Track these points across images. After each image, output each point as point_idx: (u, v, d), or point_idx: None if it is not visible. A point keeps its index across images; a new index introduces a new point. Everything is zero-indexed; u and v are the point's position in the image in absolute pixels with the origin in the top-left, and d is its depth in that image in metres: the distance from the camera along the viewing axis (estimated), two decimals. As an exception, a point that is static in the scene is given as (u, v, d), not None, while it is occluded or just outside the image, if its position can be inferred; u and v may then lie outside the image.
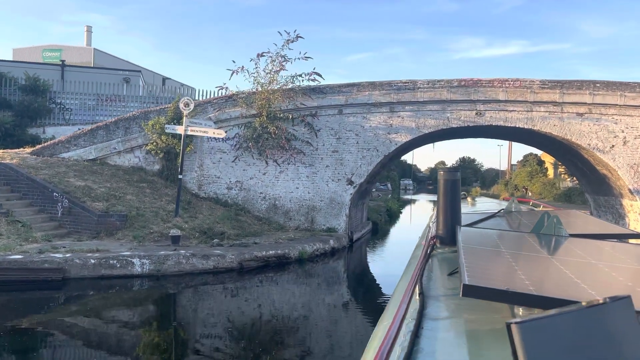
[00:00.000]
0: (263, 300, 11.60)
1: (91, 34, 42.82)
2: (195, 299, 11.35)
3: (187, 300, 11.25)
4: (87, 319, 9.49)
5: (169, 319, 10.14)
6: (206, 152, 19.21)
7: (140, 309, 10.52)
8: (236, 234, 16.15)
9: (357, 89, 19.09)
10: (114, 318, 9.65)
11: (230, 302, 11.23)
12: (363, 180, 19.01)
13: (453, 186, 4.07)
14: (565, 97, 17.84)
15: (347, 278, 15.06)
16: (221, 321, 9.82)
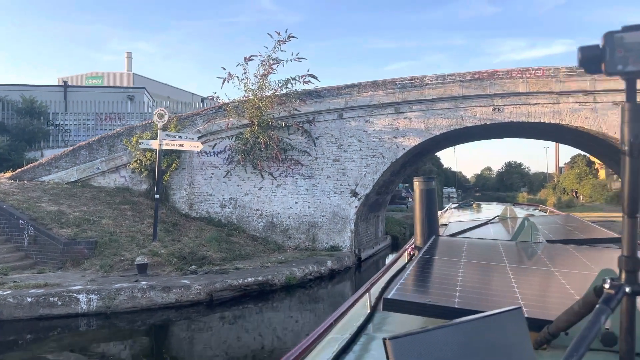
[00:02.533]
0: (230, 340, 9.77)
1: (131, 60, 44.77)
2: (142, 343, 9.64)
3: (131, 347, 9.54)
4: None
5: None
6: (197, 168, 17.71)
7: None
8: (222, 257, 14.46)
9: (358, 90, 17.17)
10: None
11: (183, 346, 9.46)
12: (369, 191, 16.98)
13: (429, 195, 4.02)
14: (597, 85, 15.28)
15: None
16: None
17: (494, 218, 6.73)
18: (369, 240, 19.45)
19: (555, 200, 56.01)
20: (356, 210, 16.97)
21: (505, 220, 6.48)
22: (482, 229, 5.64)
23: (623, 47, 1.00)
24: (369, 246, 18.98)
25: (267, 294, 12.46)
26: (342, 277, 15.32)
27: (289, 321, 11.25)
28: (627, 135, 1.04)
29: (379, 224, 21.38)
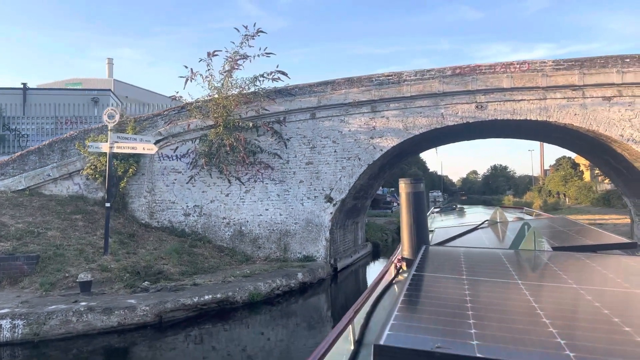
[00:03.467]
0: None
1: (112, 66, 43.61)
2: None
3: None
4: None
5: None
6: (158, 174, 16.33)
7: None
8: (181, 272, 13.11)
9: (332, 87, 15.96)
10: None
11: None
12: (345, 196, 15.74)
13: (417, 199, 3.57)
14: (586, 79, 14.26)
15: (314, 327, 11.71)
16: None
17: (483, 222, 6.31)
18: (347, 249, 18.20)
19: (541, 203, 55.45)
20: (331, 216, 15.72)
21: (495, 224, 6.11)
22: (473, 235, 5.25)
23: None
24: (347, 255, 17.73)
25: (227, 312, 11.13)
26: (315, 290, 14.03)
27: (251, 344, 9.93)
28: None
29: (358, 230, 20.15)
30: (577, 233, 4.87)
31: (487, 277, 2.46)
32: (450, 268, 2.70)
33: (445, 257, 3.08)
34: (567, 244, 4.05)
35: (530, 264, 2.92)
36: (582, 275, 2.59)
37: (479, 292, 2.14)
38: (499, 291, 2.18)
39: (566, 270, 2.66)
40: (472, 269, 2.65)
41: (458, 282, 2.30)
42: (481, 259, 3.01)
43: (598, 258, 3.04)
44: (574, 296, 2.11)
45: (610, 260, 2.99)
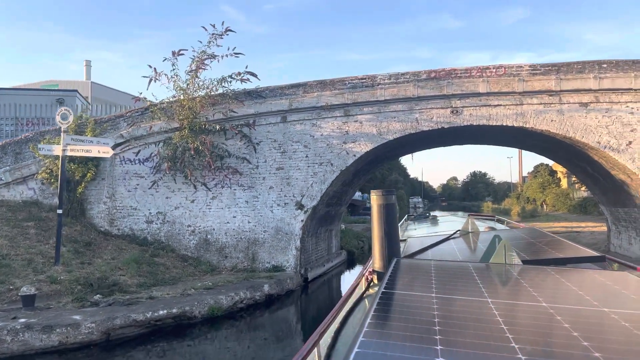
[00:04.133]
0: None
1: (90, 68, 43.07)
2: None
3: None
4: None
5: None
6: (119, 178, 15.48)
7: None
8: (139, 283, 12.29)
9: (304, 90, 15.35)
10: None
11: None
12: (317, 203, 15.10)
13: (389, 211, 3.51)
14: (563, 84, 13.90)
15: (280, 341, 11.00)
16: None
17: (455, 232, 6.31)
18: (320, 258, 17.54)
19: (519, 210, 55.65)
20: (302, 224, 15.06)
21: (467, 235, 6.11)
22: (445, 246, 5.29)
23: None
24: (319, 264, 17.07)
25: (184, 329, 10.36)
26: (283, 303, 13.32)
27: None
28: None
29: (331, 238, 19.52)
30: (547, 245, 4.86)
31: (457, 294, 2.47)
32: (421, 284, 2.65)
33: (415, 271, 3.04)
34: (537, 257, 4.04)
35: (500, 279, 2.88)
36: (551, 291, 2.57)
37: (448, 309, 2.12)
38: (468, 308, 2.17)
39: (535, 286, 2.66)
40: (442, 284, 2.62)
41: (427, 300, 2.27)
42: (452, 272, 2.99)
43: (567, 273, 3.04)
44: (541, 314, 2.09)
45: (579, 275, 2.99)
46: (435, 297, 2.32)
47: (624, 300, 2.32)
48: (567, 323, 1.91)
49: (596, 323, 1.98)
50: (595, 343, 1.68)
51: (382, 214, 3.55)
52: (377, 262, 3.47)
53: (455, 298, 2.38)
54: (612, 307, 2.20)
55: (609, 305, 2.22)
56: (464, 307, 2.20)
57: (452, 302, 2.27)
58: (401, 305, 2.18)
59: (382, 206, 3.56)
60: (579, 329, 1.83)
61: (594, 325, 1.94)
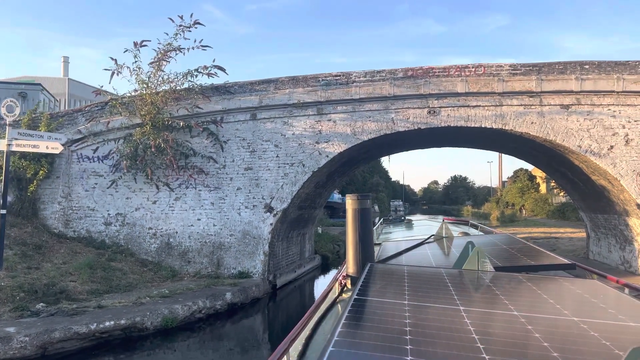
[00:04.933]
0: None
1: (68, 65, 42.76)
2: None
3: None
4: None
5: None
6: (76, 177, 14.49)
7: None
8: (91, 290, 11.37)
9: (275, 86, 14.57)
10: None
11: None
12: (287, 206, 14.32)
13: (363, 216, 3.54)
14: (544, 85, 13.37)
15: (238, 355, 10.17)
16: None
17: (429, 237, 6.33)
18: (291, 263, 16.75)
19: (499, 214, 55.60)
20: (271, 228, 14.26)
21: (441, 239, 6.12)
22: (419, 251, 5.30)
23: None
24: (290, 270, 16.27)
25: (134, 341, 9.49)
26: (247, 312, 12.49)
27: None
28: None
29: (305, 242, 18.75)
30: (519, 252, 4.91)
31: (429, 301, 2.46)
32: (394, 290, 2.67)
33: (389, 276, 3.05)
34: (510, 264, 4.05)
35: (473, 286, 2.90)
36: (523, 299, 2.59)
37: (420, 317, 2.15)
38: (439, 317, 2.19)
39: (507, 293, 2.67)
40: (415, 290, 2.63)
41: (400, 307, 2.30)
42: (425, 279, 2.98)
43: (538, 281, 3.08)
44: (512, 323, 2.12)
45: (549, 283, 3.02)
46: (408, 304, 2.32)
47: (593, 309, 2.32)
48: (537, 333, 1.93)
49: (566, 333, 2.00)
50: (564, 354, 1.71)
51: (357, 218, 3.54)
52: (351, 267, 3.47)
53: (427, 306, 2.37)
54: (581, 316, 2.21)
55: (578, 315, 2.24)
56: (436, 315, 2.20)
57: (424, 309, 2.27)
58: (373, 313, 2.18)
59: (357, 210, 3.56)
60: (548, 339, 1.87)
61: (564, 335, 1.96)
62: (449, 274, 3.21)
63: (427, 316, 2.17)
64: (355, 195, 3.66)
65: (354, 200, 3.63)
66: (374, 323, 2.01)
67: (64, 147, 14.21)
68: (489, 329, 2.04)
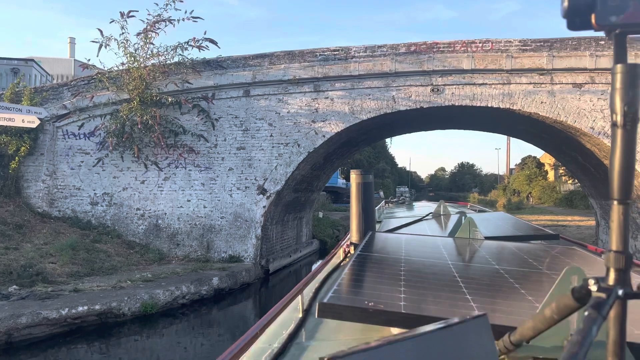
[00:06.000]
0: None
1: (74, 46, 41.95)
2: None
3: None
4: None
5: None
6: (61, 154, 13.87)
7: None
8: (71, 273, 10.81)
9: (270, 61, 13.80)
10: None
11: None
12: (281, 187, 13.64)
13: (366, 189, 3.88)
14: (555, 62, 12.51)
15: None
16: None
17: (427, 215, 6.61)
18: (286, 247, 16.13)
19: (505, 202, 54.74)
20: (264, 210, 13.61)
21: (439, 216, 6.41)
22: (417, 225, 5.57)
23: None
24: (285, 254, 15.66)
25: (110, 328, 8.91)
26: (236, 298, 11.90)
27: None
28: (619, 103, 0.81)
29: (301, 227, 18.11)
30: (509, 225, 5.31)
31: (421, 259, 2.79)
32: (391, 251, 2.99)
33: (387, 242, 3.35)
34: (499, 234, 4.31)
35: (462, 249, 3.21)
36: (503, 257, 2.96)
37: (414, 267, 2.41)
38: (429, 270, 2.48)
39: (491, 253, 3.03)
40: (409, 252, 2.90)
41: (396, 261, 2.57)
42: (419, 244, 3.27)
43: (521, 246, 3.41)
44: (491, 272, 2.44)
45: (530, 247, 3.35)
46: (404, 258, 2.62)
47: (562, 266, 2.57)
48: (511, 279, 2.25)
49: (535, 280, 2.31)
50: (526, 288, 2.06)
51: (360, 191, 3.83)
52: (354, 235, 3.72)
53: (421, 259, 2.71)
54: (551, 270, 2.53)
55: (550, 269, 2.56)
56: (428, 266, 2.56)
57: (417, 263, 2.59)
58: (373, 266, 2.47)
59: (360, 184, 3.86)
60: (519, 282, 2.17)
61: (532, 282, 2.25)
62: (442, 240, 3.51)
63: (419, 267, 2.46)
64: (359, 170, 3.96)
65: (358, 175, 3.92)
66: (373, 272, 2.28)
67: (49, 123, 13.61)
68: (470, 275, 2.35)
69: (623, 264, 0.84)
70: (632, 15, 0.82)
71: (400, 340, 0.88)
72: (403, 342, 0.88)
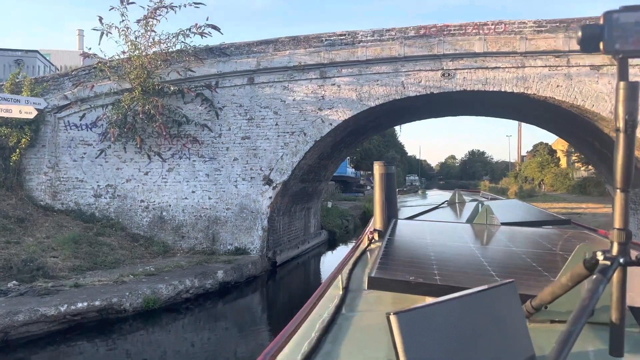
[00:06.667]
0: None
1: (83, 38, 41.90)
2: None
3: None
4: None
5: None
6: (63, 146, 13.62)
7: None
8: (73, 267, 10.58)
9: (274, 48, 13.38)
10: None
11: None
12: (287, 178, 13.29)
13: (389, 179, 4.13)
14: (572, 44, 11.92)
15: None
16: None
17: (443, 203, 6.81)
18: (294, 239, 15.81)
19: (517, 189, 54.00)
20: (271, 201, 13.27)
21: (453, 204, 6.60)
22: (434, 213, 5.75)
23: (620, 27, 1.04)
24: (293, 246, 15.34)
25: (111, 324, 8.65)
26: (242, 292, 11.61)
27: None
28: (621, 113, 1.07)
29: (309, 217, 17.77)
30: (523, 211, 5.55)
31: (445, 242, 3.04)
32: (416, 236, 3.26)
33: (411, 228, 3.61)
34: (514, 220, 4.47)
35: (481, 234, 3.46)
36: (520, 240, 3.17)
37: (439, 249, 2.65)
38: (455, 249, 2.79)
39: (508, 237, 3.24)
40: (433, 236, 3.16)
41: (423, 244, 2.86)
42: (441, 230, 3.55)
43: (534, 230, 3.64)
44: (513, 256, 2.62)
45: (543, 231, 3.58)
46: (430, 241, 2.90)
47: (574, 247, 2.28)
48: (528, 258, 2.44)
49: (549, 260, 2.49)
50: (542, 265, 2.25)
51: (383, 181, 4.03)
52: (378, 223, 3.88)
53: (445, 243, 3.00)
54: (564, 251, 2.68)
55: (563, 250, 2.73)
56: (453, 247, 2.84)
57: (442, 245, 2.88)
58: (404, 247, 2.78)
59: (383, 175, 4.07)
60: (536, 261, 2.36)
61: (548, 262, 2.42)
62: (463, 227, 3.76)
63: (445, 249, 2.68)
64: (382, 162, 4.21)
65: (381, 165, 4.15)
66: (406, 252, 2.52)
67: (50, 114, 13.34)
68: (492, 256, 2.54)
69: (624, 238, 1.08)
70: (634, 43, 1.04)
71: (447, 301, 1.08)
72: (449, 302, 1.08)
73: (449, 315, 1.06)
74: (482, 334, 1.10)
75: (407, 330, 0.98)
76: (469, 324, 1.08)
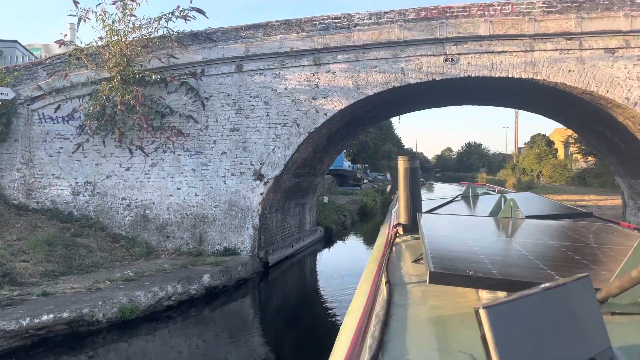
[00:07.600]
0: None
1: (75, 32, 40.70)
2: None
3: None
4: None
5: None
6: (38, 140, 12.67)
7: None
8: (45, 272, 9.67)
9: (264, 32, 12.44)
10: None
11: None
12: (280, 172, 12.39)
13: (413, 174, 4.13)
14: (585, 25, 11.06)
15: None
16: None
17: (457, 197, 6.77)
18: (287, 237, 14.92)
19: (515, 181, 53.33)
20: (262, 198, 12.38)
21: (468, 198, 6.60)
22: (451, 206, 5.65)
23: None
24: (286, 244, 14.46)
25: (82, 338, 7.76)
26: (231, 296, 10.73)
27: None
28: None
29: (304, 214, 16.89)
30: (542, 205, 5.51)
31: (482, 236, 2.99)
32: (451, 229, 3.20)
33: (440, 222, 3.51)
34: (536, 214, 4.41)
35: (511, 228, 3.41)
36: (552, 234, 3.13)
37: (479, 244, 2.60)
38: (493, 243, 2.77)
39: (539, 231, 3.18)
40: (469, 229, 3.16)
41: (463, 237, 2.83)
42: (468, 223, 3.51)
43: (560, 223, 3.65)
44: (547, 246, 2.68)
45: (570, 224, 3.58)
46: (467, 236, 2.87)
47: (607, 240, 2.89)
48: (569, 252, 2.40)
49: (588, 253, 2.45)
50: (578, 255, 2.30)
51: (408, 175, 4.09)
52: (403, 216, 3.92)
53: (485, 238, 2.92)
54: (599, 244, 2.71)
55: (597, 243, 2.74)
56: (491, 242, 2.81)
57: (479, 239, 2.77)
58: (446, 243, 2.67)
59: (407, 169, 4.12)
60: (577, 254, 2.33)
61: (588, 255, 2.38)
62: (487, 220, 3.75)
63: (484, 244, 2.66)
64: (407, 156, 4.20)
65: (405, 160, 4.17)
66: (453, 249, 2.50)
67: (22, 106, 12.39)
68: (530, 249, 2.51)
69: None
70: None
71: (529, 296, 1.09)
72: (531, 297, 1.09)
73: (533, 309, 1.07)
74: (562, 327, 1.10)
75: (497, 324, 0.97)
76: (550, 317, 1.08)
